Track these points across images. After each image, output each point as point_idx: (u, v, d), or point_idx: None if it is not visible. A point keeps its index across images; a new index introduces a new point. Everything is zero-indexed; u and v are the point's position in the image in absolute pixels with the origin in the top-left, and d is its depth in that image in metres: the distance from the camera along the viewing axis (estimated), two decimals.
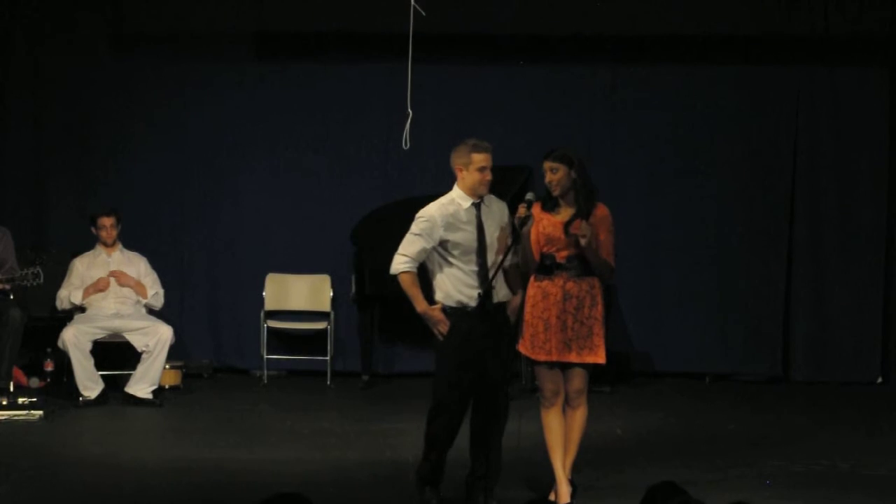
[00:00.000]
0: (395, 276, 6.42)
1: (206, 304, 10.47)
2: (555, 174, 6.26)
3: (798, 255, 10.34)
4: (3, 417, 8.35)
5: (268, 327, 10.12)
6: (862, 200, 10.32)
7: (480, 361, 6.26)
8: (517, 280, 6.45)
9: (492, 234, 6.35)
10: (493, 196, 6.49)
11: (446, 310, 6.32)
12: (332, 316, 10.18)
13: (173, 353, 9.30)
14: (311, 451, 7.73)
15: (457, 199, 6.40)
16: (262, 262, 10.28)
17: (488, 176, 6.36)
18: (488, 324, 6.22)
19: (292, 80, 10.36)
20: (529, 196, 6.27)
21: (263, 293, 10.20)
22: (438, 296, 6.39)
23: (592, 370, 6.38)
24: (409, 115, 7.63)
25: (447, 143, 10.23)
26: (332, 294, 10.24)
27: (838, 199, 10.32)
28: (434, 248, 6.37)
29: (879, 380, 10.33)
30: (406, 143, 7.70)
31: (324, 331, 10.15)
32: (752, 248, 10.35)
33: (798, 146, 10.33)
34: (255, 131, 10.37)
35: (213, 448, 7.76)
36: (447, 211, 6.37)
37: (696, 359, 10.35)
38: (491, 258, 6.32)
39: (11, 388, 8.85)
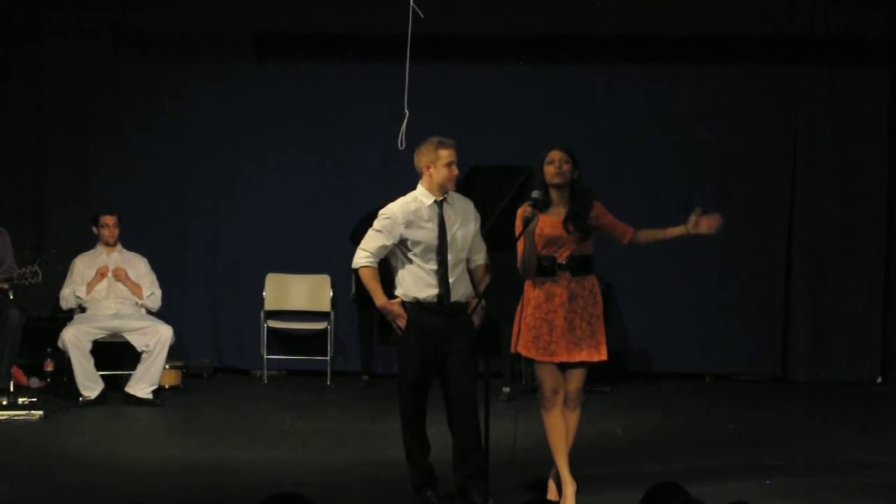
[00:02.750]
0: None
1: (206, 304, 10.47)
2: (566, 165, 6.27)
3: (798, 255, 10.34)
4: (3, 417, 8.35)
5: (268, 327, 10.12)
6: (862, 200, 10.32)
7: (440, 361, 6.34)
8: (482, 280, 6.46)
9: (454, 233, 6.38)
10: (457, 194, 6.52)
11: (405, 305, 6.37)
12: (332, 316, 10.19)
13: (173, 353, 9.31)
14: (311, 451, 7.74)
15: (419, 198, 6.45)
16: (262, 262, 10.29)
17: (455, 171, 6.41)
18: (448, 322, 6.30)
19: (292, 80, 10.36)
20: (535, 194, 6.27)
21: (263, 293, 10.20)
22: (398, 291, 6.44)
23: (592, 369, 6.40)
24: (405, 115, 7.63)
25: None
26: (332, 294, 10.24)
27: (838, 199, 10.32)
28: (395, 245, 6.41)
29: (879, 380, 10.33)
30: (402, 144, 7.70)
31: (324, 331, 10.15)
32: (752, 247, 10.35)
33: (798, 146, 10.33)
34: (254, 131, 10.38)
35: (213, 448, 7.76)
36: (409, 209, 6.41)
37: (696, 359, 10.35)
38: (452, 257, 6.36)
39: (11, 388, 8.86)
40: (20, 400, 8.51)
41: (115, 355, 9.24)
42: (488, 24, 10.24)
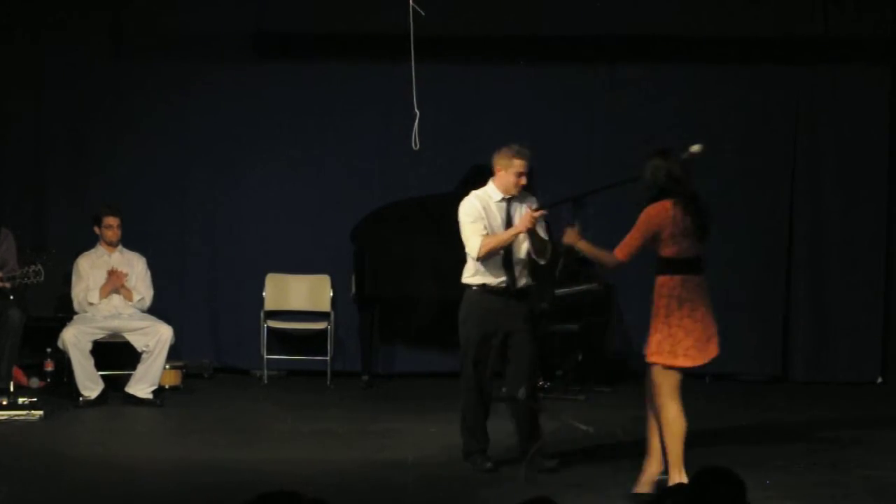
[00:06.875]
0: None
1: (206, 304, 10.46)
2: None
3: (798, 255, 10.34)
4: (3, 417, 8.35)
5: (268, 327, 10.12)
6: (862, 200, 10.32)
7: (503, 339, 6.97)
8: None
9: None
10: (524, 191, 7.10)
11: (472, 289, 7.00)
12: (332, 316, 10.18)
13: (173, 353, 9.30)
14: (311, 451, 7.74)
15: (490, 193, 7.05)
16: (262, 262, 10.28)
17: (523, 181, 6.99)
18: (510, 306, 6.96)
19: (292, 80, 10.35)
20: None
21: (263, 293, 10.20)
22: (466, 276, 7.01)
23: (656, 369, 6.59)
24: (416, 115, 7.66)
25: (447, 143, 10.32)
26: (332, 294, 10.23)
27: (838, 199, 10.32)
28: None
29: (879, 380, 10.33)
30: (416, 144, 7.80)
31: (324, 331, 10.15)
32: (751, 247, 10.35)
33: (798, 146, 10.33)
34: (254, 131, 10.37)
35: (213, 448, 7.77)
36: (483, 201, 7.03)
37: None
38: (516, 248, 6.98)
39: (11, 388, 8.86)
40: (20, 400, 8.51)
41: (115, 355, 9.23)
42: (488, 25, 10.22)
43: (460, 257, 7.17)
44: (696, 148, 6.66)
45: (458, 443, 7.22)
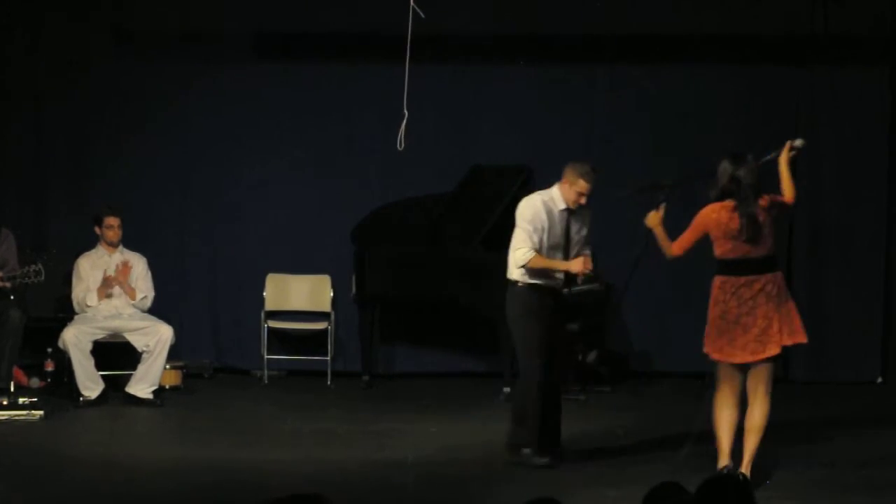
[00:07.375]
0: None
1: (206, 304, 10.46)
2: None
3: (798, 255, 10.33)
4: (3, 417, 8.35)
5: (268, 327, 10.12)
6: (862, 200, 10.31)
7: (549, 333, 7.21)
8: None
9: (572, 235, 7.28)
10: (584, 208, 7.34)
11: (517, 286, 7.13)
12: (332, 316, 10.18)
13: (173, 353, 9.30)
14: (311, 451, 7.74)
15: (556, 199, 7.21)
16: (262, 262, 10.28)
17: (582, 201, 7.20)
18: (559, 307, 7.26)
19: (292, 80, 10.35)
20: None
21: (263, 293, 10.20)
22: (516, 273, 7.10)
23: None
24: (404, 115, 7.64)
25: (446, 143, 10.31)
26: (332, 294, 10.24)
27: (838, 199, 10.31)
28: None
29: (879, 380, 10.32)
30: (400, 144, 7.73)
31: (324, 331, 10.15)
32: None
33: None
34: (254, 131, 10.36)
35: (213, 448, 7.77)
36: (547, 205, 7.18)
37: (696, 359, 10.30)
38: (571, 254, 7.28)
39: (12, 388, 8.85)
40: (20, 400, 8.51)
41: (116, 355, 9.22)
42: (488, 25, 10.22)
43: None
44: (798, 143, 6.80)
45: (457, 443, 7.23)
